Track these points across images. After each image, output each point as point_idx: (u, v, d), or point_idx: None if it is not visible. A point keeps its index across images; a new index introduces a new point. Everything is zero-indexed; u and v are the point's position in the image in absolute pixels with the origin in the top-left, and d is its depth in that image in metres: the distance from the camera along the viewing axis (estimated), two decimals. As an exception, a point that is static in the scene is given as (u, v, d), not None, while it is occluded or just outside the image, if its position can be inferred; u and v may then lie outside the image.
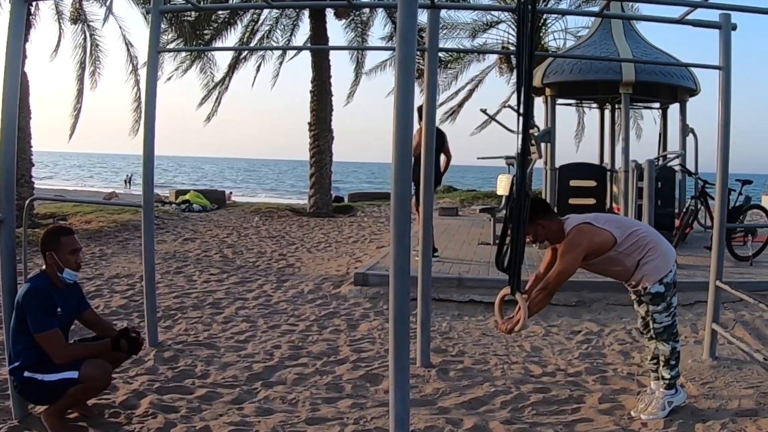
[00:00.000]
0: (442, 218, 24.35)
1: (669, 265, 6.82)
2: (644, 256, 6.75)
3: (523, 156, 6.08)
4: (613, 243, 6.73)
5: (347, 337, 9.94)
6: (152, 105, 8.96)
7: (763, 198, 35.51)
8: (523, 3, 5.83)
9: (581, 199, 18.10)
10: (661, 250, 6.84)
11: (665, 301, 6.78)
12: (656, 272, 6.74)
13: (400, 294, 4.78)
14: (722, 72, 8.20)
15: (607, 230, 6.75)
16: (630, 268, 6.82)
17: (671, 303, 6.83)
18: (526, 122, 5.96)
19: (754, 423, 6.52)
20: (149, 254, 9.17)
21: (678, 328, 7.38)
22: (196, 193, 29.81)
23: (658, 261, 6.76)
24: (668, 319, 6.85)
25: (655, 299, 6.80)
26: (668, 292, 6.79)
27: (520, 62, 5.95)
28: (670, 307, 6.83)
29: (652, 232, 7.04)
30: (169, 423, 6.47)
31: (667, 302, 6.79)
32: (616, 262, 6.84)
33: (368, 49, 34.46)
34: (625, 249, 6.76)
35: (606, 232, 6.74)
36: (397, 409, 4.86)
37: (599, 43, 18.15)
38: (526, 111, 5.93)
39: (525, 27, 5.84)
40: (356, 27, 30.41)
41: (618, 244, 6.73)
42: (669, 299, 6.81)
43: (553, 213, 6.93)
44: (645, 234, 6.89)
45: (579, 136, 40.65)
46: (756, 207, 17.66)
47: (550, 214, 6.86)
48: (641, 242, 6.78)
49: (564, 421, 6.81)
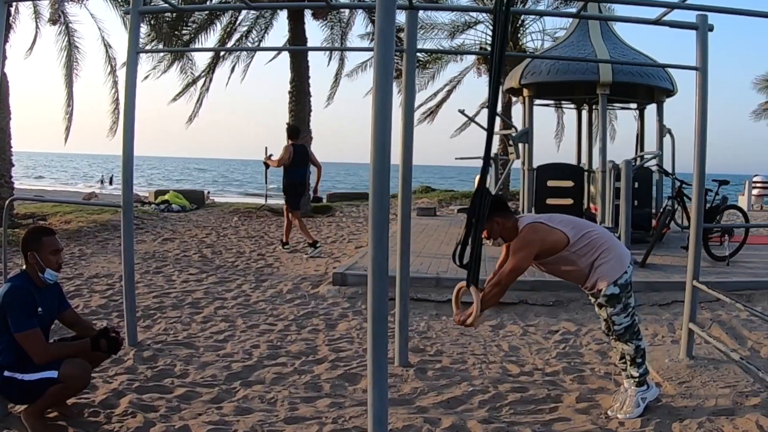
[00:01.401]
0: (420, 218, 24.39)
1: (623, 266, 6.85)
2: (598, 258, 6.79)
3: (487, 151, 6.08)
4: (566, 243, 6.76)
5: (326, 337, 9.97)
6: (131, 106, 8.96)
7: (739, 198, 35.71)
8: (497, 3, 5.87)
9: (559, 199, 18.17)
10: (616, 252, 6.87)
11: (621, 302, 6.81)
12: (610, 274, 6.77)
13: (379, 294, 4.80)
14: (699, 73, 8.21)
15: (560, 230, 6.79)
16: (584, 270, 6.85)
17: (628, 304, 6.86)
18: (491, 117, 5.99)
19: (731, 422, 6.58)
20: (128, 254, 9.18)
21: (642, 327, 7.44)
22: (176, 194, 29.73)
23: (612, 263, 6.79)
24: (627, 320, 6.87)
25: (610, 301, 6.82)
26: (623, 294, 6.81)
27: (492, 59, 5.98)
28: (627, 307, 6.85)
29: (607, 235, 7.06)
30: (149, 422, 6.49)
31: (623, 303, 6.82)
32: (569, 263, 6.87)
33: (346, 50, 34.44)
34: (578, 250, 6.79)
35: (559, 232, 6.77)
36: (375, 409, 4.88)
37: (577, 44, 18.24)
38: (493, 107, 5.96)
39: (498, 26, 5.87)
40: (335, 27, 30.46)
41: (571, 244, 6.77)
42: (625, 300, 6.83)
43: (509, 211, 6.93)
44: (599, 236, 6.92)
45: (559, 137, 40.84)
46: (733, 207, 17.76)
47: (507, 212, 6.87)
48: (595, 243, 6.82)
49: (541, 421, 6.85)
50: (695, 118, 8.30)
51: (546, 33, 36.57)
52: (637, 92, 19.05)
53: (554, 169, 18.59)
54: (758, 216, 30.76)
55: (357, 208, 31.39)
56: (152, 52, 28.98)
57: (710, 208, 15.69)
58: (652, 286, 12.61)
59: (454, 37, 36.06)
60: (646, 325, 10.80)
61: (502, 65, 5.91)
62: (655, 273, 13.66)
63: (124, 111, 9.03)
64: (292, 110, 28.09)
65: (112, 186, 73.64)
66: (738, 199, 36.78)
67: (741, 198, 37.09)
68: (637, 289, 11.91)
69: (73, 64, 26.46)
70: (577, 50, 17.86)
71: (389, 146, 4.77)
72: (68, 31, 26.13)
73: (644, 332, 10.27)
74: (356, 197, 38.88)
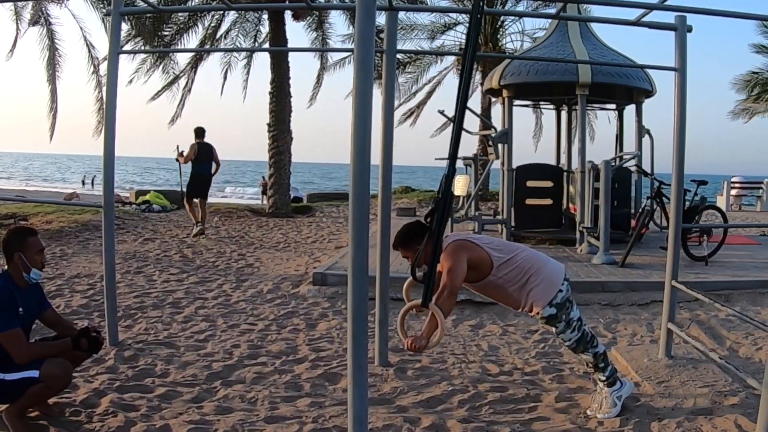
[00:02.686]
0: (400, 218, 24.40)
1: (556, 286, 6.78)
2: (527, 283, 6.72)
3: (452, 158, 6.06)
4: (490, 265, 6.66)
5: (306, 337, 9.99)
6: (113, 106, 8.95)
7: (718, 198, 35.89)
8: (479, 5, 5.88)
9: (538, 199, 18.26)
10: (544, 273, 6.79)
11: (561, 320, 6.77)
12: (543, 297, 6.72)
13: (359, 293, 4.84)
14: (678, 73, 8.24)
15: (485, 250, 6.68)
16: (515, 296, 6.79)
17: (570, 319, 6.81)
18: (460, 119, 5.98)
19: (710, 422, 6.63)
20: (109, 254, 9.19)
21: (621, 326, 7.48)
22: (156, 194, 29.70)
23: (542, 285, 6.73)
24: (575, 334, 6.84)
25: (550, 321, 6.81)
26: (562, 312, 6.77)
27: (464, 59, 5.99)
28: (570, 323, 6.81)
29: (533, 257, 6.94)
30: (129, 421, 6.50)
31: (564, 321, 6.78)
32: (498, 289, 6.80)
33: (326, 50, 34.46)
34: (505, 275, 6.70)
35: (482, 251, 6.66)
36: (355, 408, 4.91)
37: (556, 45, 18.30)
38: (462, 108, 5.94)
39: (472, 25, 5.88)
40: (316, 28, 30.48)
41: (495, 268, 6.66)
42: (566, 317, 6.79)
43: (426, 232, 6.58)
44: (525, 260, 6.81)
45: (537, 137, 41.00)
46: (711, 207, 17.89)
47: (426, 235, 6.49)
48: (521, 269, 6.72)
49: (521, 420, 6.87)
50: (674, 119, 8.31)
51: (525, 34, 36.78)
52: (616, 93, 19.13)
53: (533, 170, 18.67)
54: (736, 216, 30.87)
55: (337, 208, 31.44)
56: (133, 53, 28.93)
57: (689, 208, 15.75)
58: (631, 286, 12.69)
59: (434, 38, 36.23)
60: (625, 324, 10.87)
61: (473, 65, 5.95)
62: (634, 273, 13.74)
63: (106, 111, 9.01)
64: (272, 111, 28.08)
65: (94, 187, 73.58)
66: (716, 199, 36.99)
67: (719, 198, 37.30)
68: (616, 289, 12.05)
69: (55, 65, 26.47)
70: (557, 51, 17.91)
71: (369, 147, 4.79)
72: (50, 32, 26.13)
73: (623, 332, 10.39)
74: (336, 197, 38.96)
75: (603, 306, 11.93)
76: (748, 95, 42.99)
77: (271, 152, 28.33)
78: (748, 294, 12.57)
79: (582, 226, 16.54)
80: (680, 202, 8.68)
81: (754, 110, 43.40)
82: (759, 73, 42.61)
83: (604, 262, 14.69)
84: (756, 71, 42.65)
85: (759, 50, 42.15)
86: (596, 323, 10.85)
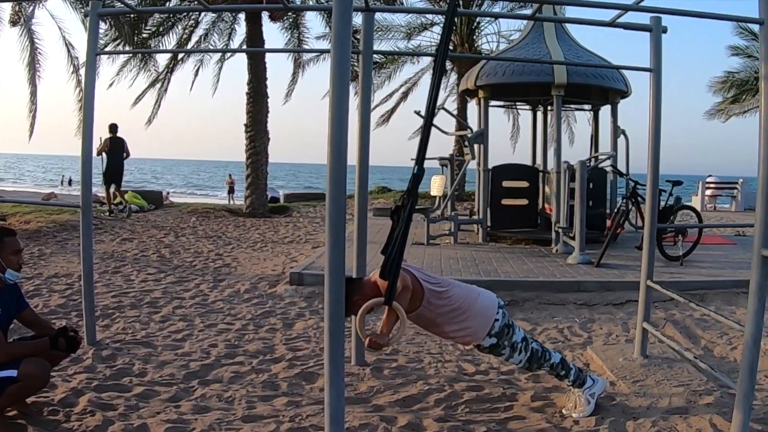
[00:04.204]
0: (376, 218, 24.43)
1: (490, 318, 6.67)
2: (460, 322, 6.62)
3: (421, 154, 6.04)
4: (421, 296, 6.49)
5: (283, 336, 10.01)
6: (90, 107, 8.95)
7: (693, 199, 36.05)
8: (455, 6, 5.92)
9: (514, 199, 18.36)
10: (476, 309, 6.66)
11: (505, 347, 6.72)
12: (480, 331, 6.63)
13: (335, 293, 4.88)
14: (653, 74, 8.24)
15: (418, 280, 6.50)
16: (449, 331, 6.70)
17: (514, 342, 6.73)
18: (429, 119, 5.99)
19: (684, 421, 6.65)
20: (87, 254, 9.19)
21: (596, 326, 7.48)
22: (134, 194, 29.59)
23: (475, 321, 6.63)
24: (524, 354, 6.80)
25: (493, 351, 6.77)
26: (503, 339, 6.69)
27: (436, 58, 6.02)
28: (515, 346, 6.74)
29: (466, 293, 6.78)
30: (107, 420, 6.50)
31: (508, 346, 6.72)
32: (431, 323, 6.70)
33: (303, 51, 34.47)
34: (437, 310, 6.56)
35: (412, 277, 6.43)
36: (332, 407, 4.96)
37: (532, 46, 18.40)
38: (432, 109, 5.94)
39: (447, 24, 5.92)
40: (292, 30, 30.48)
41: (425, 299, 6.50)
42: (508, 343, 6.71)
43: (359, 282, 6.52)
44: (455, 296, 6.65)
45: (515, 138, 41.13)
46: (686, 207, 17.99)
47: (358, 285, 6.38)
48: (451, 305, 6.58)
49: (497, 419, 6.89)
50: (649, 119, 8.31)
51: (501, 35, 36.86)
52: (591, 93, 19.24)
53: (509, 170, 18.76)
54: (711, 216, 31.04)
55: (314, 209, 31.48)
56: (111, 54, 28.97)
57: (664, 208, 15.86)
58: (607, 285, 12.75)
59: (411, 38, 36.30)
60: (601, 324, 10.92)
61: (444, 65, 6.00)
62: (609, 273, 13.82)
63: (84, 112, 8.99)
64: (249, 111, 28.12)
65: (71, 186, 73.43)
66: (691, 199, 37.17)
67: (694, 198, 37.50)
68: (591, 288, 12.11)
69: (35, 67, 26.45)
70: (532, 52, 18.00)
71: (346, 147, 4.83)
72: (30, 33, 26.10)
73: (599, 331, 10.46)
74: (313, 197, 38.98)
75: (578, 306, 11.98)
76: (724, 97, 43.29)
77: (248, 152, 28.36)
78: (722, 294, 12.65)
79: (557, 226, 16.61)
80: (655, 202, 8.72)
81: (729, 111, 43.68)
82: (734, 73, 42.88)
83: (580, 262, 14.77)
84: (732, 71, 42.93)
85: (735, 52, 42.42)
86: (572, 323, 10.91)
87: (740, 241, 19.57)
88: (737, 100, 43.30)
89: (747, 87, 42.65)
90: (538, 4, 9.74)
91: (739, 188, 37.19)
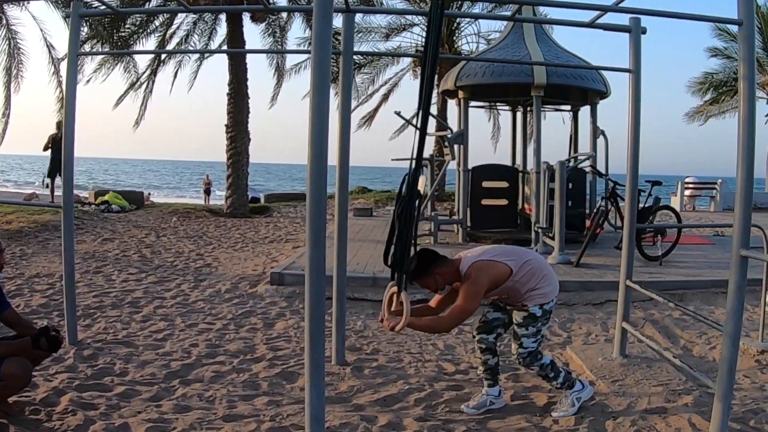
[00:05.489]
0: (357, 219, 24.49)
1: (553, 294, 6.91)
2: (536, 285, 6.79)
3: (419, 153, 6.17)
4: (510, 274, 6.70)
5: (264, 336, 10.03)
6: (72, 107, 8.96)
7: (672, 199, 36.14)
8: (437, 7, 5.97)
9: (494, 200, 18.37)
10: (552, 280, 6.93)
11: (536, 326, 6.84)
12: (542, 298, 6.81)
13: (316, 293, 4.92)
14: (632, 75, 8.26)
15: (503, 262, 6.74)
16: (521, 293, 6.82)
17: (539, 330, 6.88)
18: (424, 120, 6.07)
19: (664, 420, 6.71)
20: (69, 254, 9.20)
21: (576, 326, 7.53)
22: (115, 194, 29.54)
23: (546, 289, 6.83)
24: (534, 345, 6.90)
25: (527, 320, 6.84)
26: (542, 318, 6.86)
27: (424, 61, 6.07)
28: (537, 334, 6.88)
29: (544, 262, 7.06)
30: (89, 420, 6.51)
31: (537, 328, 6.85)
32: (511, 292, 6.83)
33: (284, 52, 34.49)
34: (521, 278, 6.74)
35: (501, 264, 6.71)
36: (312, 407, 4.99)
37: (511, 47, 18.43)
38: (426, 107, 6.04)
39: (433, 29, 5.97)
40: (274, 31, 30.48)
41: (514, 274, 6.71)
42: (540, 326, 6.87)
43: (443, 258, 6.82)
44: (537, 265, 6.91)
45: (496, 138, 41.18)
46: (665, 208, 18.01)
47: (441, 260, 6.77)
48: (534, 271, 6.80)
49: (477, 418, 6.93)
50: (628, 120, 8.35)
51: (481, 36, 36.92)
52: (570, 94, 19.31)
53: (489, 170, 18.79)
54: (690, 216, 31.18)
55: (294, 209, 31.48)
56: (92, 54, 28.96)
57: (643, 208, 15.90)
58: (586, 285, 12.82)
59: (390, 39, 36.32)
60: (580, 324, 10.99)
61: (435, 68, 6.05)
62: (588, 273, 13.88)
63: (65, 113, 9.02)
64: (230, 112, 28.15)
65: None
66: (670, 199, 37.24)
67: (673, 199, 37.59)
68: (571, 288, 12.17)
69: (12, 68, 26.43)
70: (512, 53, 18.04)
71: (326, 147, 4.86)
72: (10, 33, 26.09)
73: (578, 331, 10.52)
74: (294, 198, 38.88)
75: (558, 305, 11.96)
76: (702, 99, 43.56)
77: (229, 153, 28.36)
78: (701, 293, 12.75)
79: (537, 226, 16.64)
80: (635, 203, 8.79)
81: (708, 113, 43.93)
82: (713, 74, 43.13)
83: (559, 262, 14.81)
84: (710, 72, 43.17)
85: (714, 54, 42.69)
86: (551, 322, 10.94)
87: (719, 241, 19.64)
88: (716, 101, 43.57)
89: (725, 88, 42.95)
90: (517, 5, 9.78)
91: (717, 188, 37.31)
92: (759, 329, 9.54)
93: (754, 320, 10.75)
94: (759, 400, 7.43)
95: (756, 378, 8.34)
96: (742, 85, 5.72)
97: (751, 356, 9.18)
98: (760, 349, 9.25)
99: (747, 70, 5.71)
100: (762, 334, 9.47)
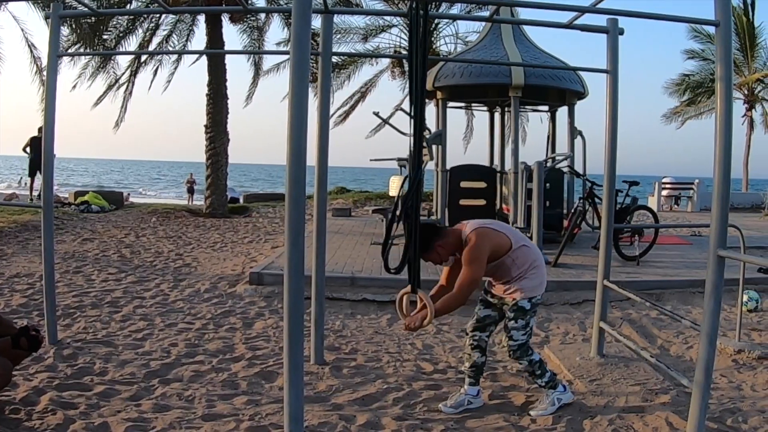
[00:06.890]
0: (335, 219, 24.54)
1: (542, 288, 6.99)
2: (526, 271, 6.88)
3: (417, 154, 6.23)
4: (509, 247, 6.81)
5: (243, 335, 10.04)
6: (52, 108, 8.94)
7: (649, 199, 36.32)
8: (414, 9, 6.02)
9: (472, 200, 18.38)
10: (542, 272, 7.01)
11: (524, 319, 6.91)
12: (531, 290, 6.89)
13: (295, 293, 4.94)
14: (610, 75, 8.31)
15: (504, 234, 6.87)
16: (512, 275, 6.90)
17: (528, 323, 6.95)
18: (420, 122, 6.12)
19: (641, 419, 6.76)
20: (49, 254, 9.19)
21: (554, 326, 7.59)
22: (95, 194, 29.47)
23: (536, 281, 6.92)
24: (524, 338, 6.96)
25: (517, 313, 6.92)
26: (531, 311, 6.94)
27: (412, 66, 6.12)
28: (526, 326, 6.94)
29: (540, 255, 7.19)
30: (68, 419, 6.52)
31: (526, 320, 6.92)
32: (504, 269, 6.91)
33: (263, 53, 34.52)
34: (516, 258, 6.84)
35: (503, 236, 6.84)
36: (291, 406, 5.01)
37: (489, 48, 18.47)
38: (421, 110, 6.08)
39: (417, 32, 6.03)
40: (252, 31, 30.47)
41: (512, 249, 6.81)
42: (529, 318, 6.94)
43: (443, 230, 6.96)
44: (535, 252, 7.05)
45: (467, 138, 41.21)
46: (642, 208, 18.16)
47: (441, 232, 6.89)
48: (529, 257, 6.91)
49: (455, 418, 6.96)
50: (606, 120, 8.42)
51: (459, 37, 36.95)
52: (548, 95, 19.36)
53: (467, 171, 18.79)
54: (667, 216, 31.29)
55: (273, 209, 31.46)
56: (73, 56, 28.83)
57: (621, 208, 16.00)
58: (564, 285, 12.87)
59: (368, 40, 36.31)
60: (558, 324, 11.04)
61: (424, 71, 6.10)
62: (566, 272, 13.92)
63: (45, 113, 8.99)
64: (209, 112, 28.13)
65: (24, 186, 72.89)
66: (648, 200, 37.41)
67: (651, 199, 37.77)
68: (549, 288, 12.11)
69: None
70: (490, 53, 18.08)
71: (305, 148, 4.88)
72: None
73: (556, 331, 10.56)
74: (273, 198, 38.87)
75: (536, 305, 12.08)
76: (680, 100, 43.84)
77: (208, 153, 28.35)
78: (678, 293, 12.82)
79: (515, 226, 16.69)
80: (612, 203, 8.80)
81: (685, 113, 44.18)
82: (690, 75, 43.39)
83: (537, 262, 14.82)
84: (687, 73, 43.44)
85: (691, 56, 42.94)
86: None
87: (696, 241, 19.74)
88: (693, 102, 43.83)
89: (702, 89, 43.24)
90: (495, 6, 9.82)
91: (695, 189, 37.48)
92: (736, 329, 9.61)
93: (731, 320, 10.79)
94: (736, 400, 7.50)
95: (733, 377, 8.40)
96: (719, 86, 5.77)
97: (728, 356, 9.25)
98: (737, 348, 9.33)
99: (724, 71, 5.76)
100: (739, 333, 9.56)
